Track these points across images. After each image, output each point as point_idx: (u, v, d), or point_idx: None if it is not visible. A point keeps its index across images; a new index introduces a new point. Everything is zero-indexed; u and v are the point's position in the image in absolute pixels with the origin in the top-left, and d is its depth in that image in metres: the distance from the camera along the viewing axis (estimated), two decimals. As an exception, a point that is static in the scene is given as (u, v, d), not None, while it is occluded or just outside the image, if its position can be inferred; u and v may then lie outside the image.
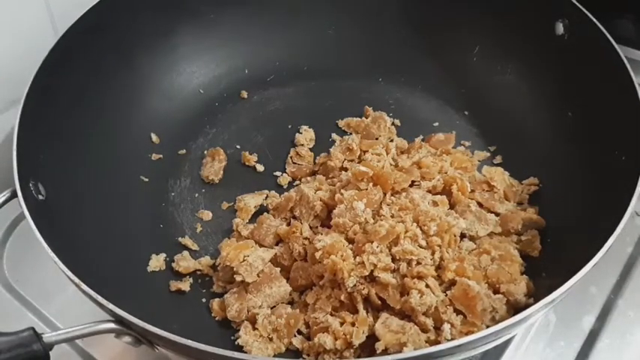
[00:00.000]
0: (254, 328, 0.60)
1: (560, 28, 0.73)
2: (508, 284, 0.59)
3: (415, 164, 0.71)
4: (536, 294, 0.59)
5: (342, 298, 0.60)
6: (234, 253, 0.64)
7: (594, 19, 0.68)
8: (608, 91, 0.66)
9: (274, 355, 0.59)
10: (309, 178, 0.75)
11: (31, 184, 0.59)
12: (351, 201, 0.63)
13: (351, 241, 0.62)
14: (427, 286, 0.58)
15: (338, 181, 0.70)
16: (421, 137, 0.77)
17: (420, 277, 0.58)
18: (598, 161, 0.65)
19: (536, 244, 0.65)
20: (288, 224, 0.68)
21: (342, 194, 0.65)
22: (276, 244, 0.67)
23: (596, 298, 0.68)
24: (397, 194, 0.66)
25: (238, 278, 0.63)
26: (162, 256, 0.68)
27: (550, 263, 0.63)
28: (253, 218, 0.71)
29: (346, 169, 0.72)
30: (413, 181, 0.67)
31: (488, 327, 0.52)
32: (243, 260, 0.63)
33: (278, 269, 0.64)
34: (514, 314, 0.50)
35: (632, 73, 0.63)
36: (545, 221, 0.66)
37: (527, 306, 0.53)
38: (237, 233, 0.69)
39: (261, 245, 0.67)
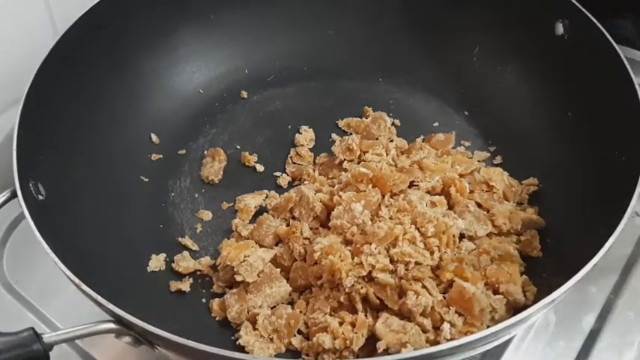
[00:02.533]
0: (254, 329, 0.60)
1: (560, 28, 0.73)
2: (507, 284, 0.59)
3: (415, 164, 0.71)
4: (536, 294, 0.60)
5: (341, 299, 0.60)
6: (235, 253, 0.64)
7: (594, 19, 0.68)
8: (608, 91, 0.66)
9: (275, 355, 0.59)
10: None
11: (31, 184, 0.59)
12: (349, 202, 0.63)
13: (349, 242, 0.62)
14: (424, 287, 0.58)
15: (337, 182, 0.70)
16: (422, 137, 0.77)
17: (416, 279, 0.58)
18: (598, 161, 0.65)
19: (535, 244, 0.65)
20: (288, 224, 0.68)
21: (340, 196, 0.65)
22: (276, 245, 0.67)
23: (596, 298, 0.68)
24: (395, 196, 0.66)
25: (238, 278, 0.63)
26: (163, 256, 0.68)
27: (550, 263, 0.63)
28: (253, 218, 0.71)
29: (346, 170, 0.72)
30: (412, 182, 0.67)
31: (488, 327, 0.52)
32: (244, 260, 0.63)
33: (278, 269, 0.64)
34: (514, 314, 0.50)
35: (632, 73, 0.63)
36: (545, 221, 0.66)
37: (526, 306, 0.53)
38: (237, 233, 0.69)
39: (261, 245, 0.67)
